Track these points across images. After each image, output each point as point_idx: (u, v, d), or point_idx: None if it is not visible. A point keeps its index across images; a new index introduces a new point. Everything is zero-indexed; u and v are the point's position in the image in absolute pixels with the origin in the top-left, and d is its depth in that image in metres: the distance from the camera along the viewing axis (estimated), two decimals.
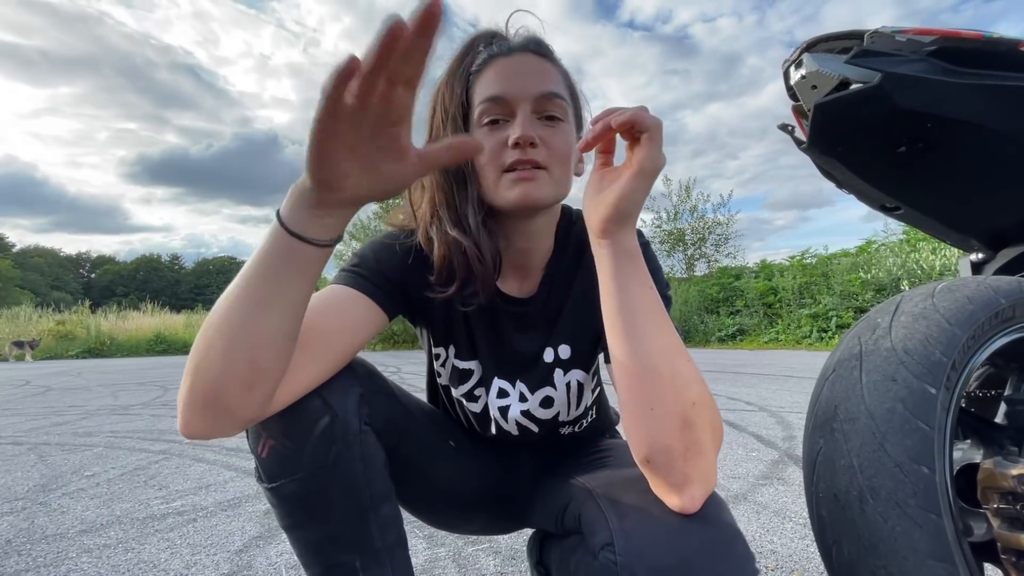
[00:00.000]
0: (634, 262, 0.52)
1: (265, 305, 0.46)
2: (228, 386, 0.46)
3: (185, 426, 0.47)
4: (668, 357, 0.49)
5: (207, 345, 0.45)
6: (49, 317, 15.81)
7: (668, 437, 0.47)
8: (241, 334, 0.45)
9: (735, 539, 0.47)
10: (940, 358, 0.63)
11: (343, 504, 0.56)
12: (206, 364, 0.45)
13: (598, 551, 0.50)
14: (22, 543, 1.43)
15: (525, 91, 0.61)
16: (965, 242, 1.04)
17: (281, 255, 0.45)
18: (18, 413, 3.89)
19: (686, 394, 0.48)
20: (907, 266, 8.90)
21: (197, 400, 0.46)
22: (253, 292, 0.46)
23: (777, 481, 1.83)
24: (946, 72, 0.78)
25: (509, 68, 0.63)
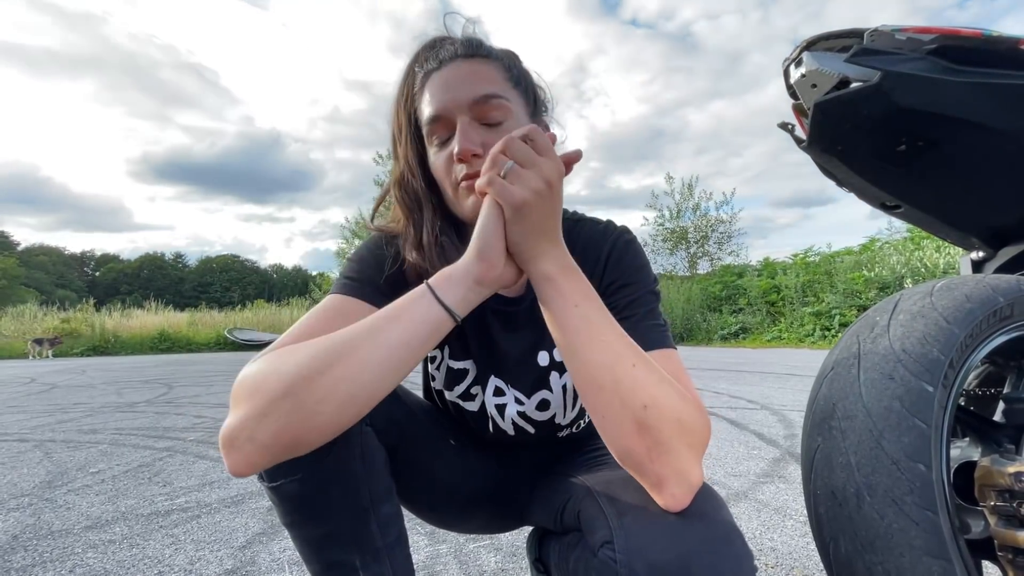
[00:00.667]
0: (553, 285, 0.53)
1: (397, 373, 0.50)
2: (327, 435, 0.48)
3: (249, 467, 0.47)
4: (606, 368, 0.50)
5: (324, 396, 0.46)
6: (54, 315, 15.89)
7: (626, 441, 0.48)
8: (367, 394, 0.48)
9: (733, 536, 0.47)
10: (938, 356, 0.64)
11: (343, 503, 0.56)
12: (314, 412, 0.46)
13: (597, 548, 0.50)
14: (28, 539, 1.45)
15: (458, 103, 0.60)
16: (965, 240, 1.04)
17: (434, 329, 0.51)
18: (24, 410, 3.92)
19: (633, 400, 0.48)
20: (911, 264, 8.87)
21: (281, 443, 0.46)
22: (392, 361, 0.49)
23: (778, 479, 1.83)
24: (946, 71, 0.78)
25: (441, 82, 0.62)
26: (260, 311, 19.27)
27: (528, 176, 0.51)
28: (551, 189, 0.52)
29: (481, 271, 0.53)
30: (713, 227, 15.74)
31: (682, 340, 11.55)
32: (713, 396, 3.71)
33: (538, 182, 0.51)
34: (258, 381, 0.47)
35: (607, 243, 0.70)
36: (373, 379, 0.48)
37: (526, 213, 0.52)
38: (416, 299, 0.52)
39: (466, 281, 0.52)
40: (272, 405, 0.46)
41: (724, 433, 2.55)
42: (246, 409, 0.46)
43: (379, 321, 0.50)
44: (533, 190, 0.51)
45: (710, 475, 1.90)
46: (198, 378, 6.17)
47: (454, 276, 0.53)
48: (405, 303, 0.52)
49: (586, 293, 0.54)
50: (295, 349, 0.50)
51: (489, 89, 0.61)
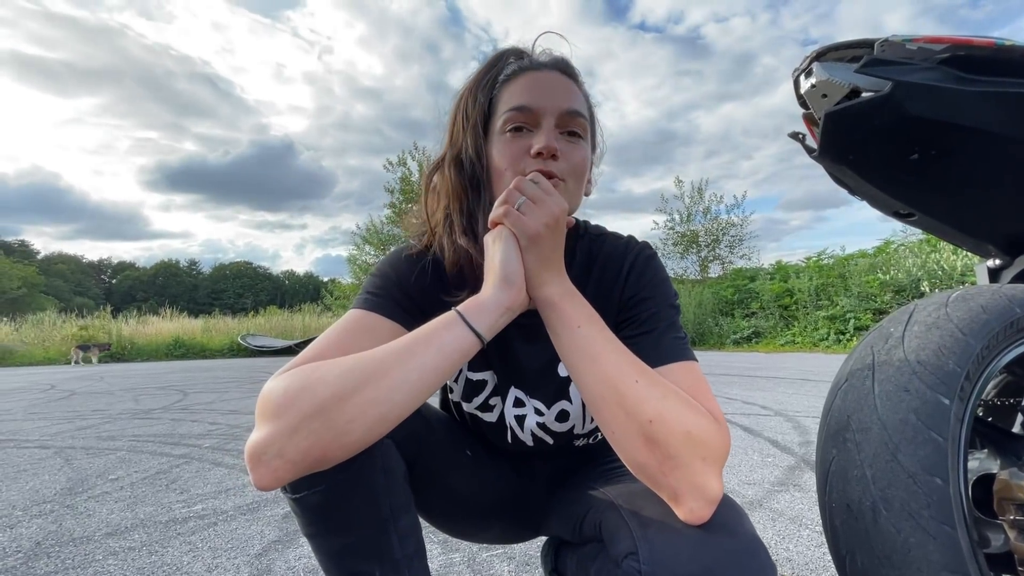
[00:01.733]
0: (555, 309, 0.58)
1: (426, 394, 0.53)
2: (354, 451, 0.50)
3: (276, 482, 0.49)
4: (609, 384, 0.52)
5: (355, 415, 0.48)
6: (72, 322, 16.18)
7: (637, 455, 0.50)
8: (396, 415, 0.51)
9: (757, 549, 0.48)
10: (954, 368, 0.63)
11: (364, 515, 0.57)
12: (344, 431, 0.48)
13: (621, 559, 0.51)
14: (51, 545, 1.48)
15: (552, 105, 0.64)
16: (982, 248, 1.03)
17: (465, 354, 0.54)
18: (44, 417, 3.99)
19: (639, 414, 0.50)
20: (927, 267, 8.73)
21: (309, 459, 0.48)
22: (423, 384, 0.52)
23: (793, 487, 1.81)
24: (958, 80, 0.78)
25: (538, 81, 0.66)
26: (273, 317, 19.45)
27: (539, 211, 0.57)
28: (557, 224, 0.58)
29: (511, 298, 0.57)
30: (724, 230, 15.64)
31: (694, 345, 11.39)
32: (726, 402, 3.67)
33: (547, 217, 0.57)
34: (289, 397, 0.48)
35: (628, 258, 0.72)
36: (403, 401, 0.50)
37: (538, 243, 0.57)
38: (448, 325, 0.55)
39: (498, 309, 0.56)
40: (303, 422, 0.47)
41: (738, 440, 2.52)
42: (276, 425, 0.48)
43: (411, 345, 0.53)
44: (544, 223, 0.57)
45: (724, 483, 1.88)
46: (212, 384, 6.24)
47: (485, 304, 0.56)
48: (437, 329, 0.54)
49: (588, 316, 0.58)
50: (325, 367, 0.51)
51: (579, 107, 0.66)
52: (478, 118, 0.67)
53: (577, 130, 0.66)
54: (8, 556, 1.41)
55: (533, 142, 0.63)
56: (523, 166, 0.63)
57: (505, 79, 0.67)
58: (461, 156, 0.68)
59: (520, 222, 0.57)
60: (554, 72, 0.67)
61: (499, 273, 0.58)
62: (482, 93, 0.68)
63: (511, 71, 0.67)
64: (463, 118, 0.69)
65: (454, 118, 0.70)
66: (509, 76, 0.67)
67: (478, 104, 0.67)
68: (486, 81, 0.68)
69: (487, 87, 0.68)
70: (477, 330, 0.54)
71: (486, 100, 0.68)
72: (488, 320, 0.56)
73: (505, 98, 0.66)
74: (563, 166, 0.64)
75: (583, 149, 0.67)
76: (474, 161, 0.67)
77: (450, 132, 0.71)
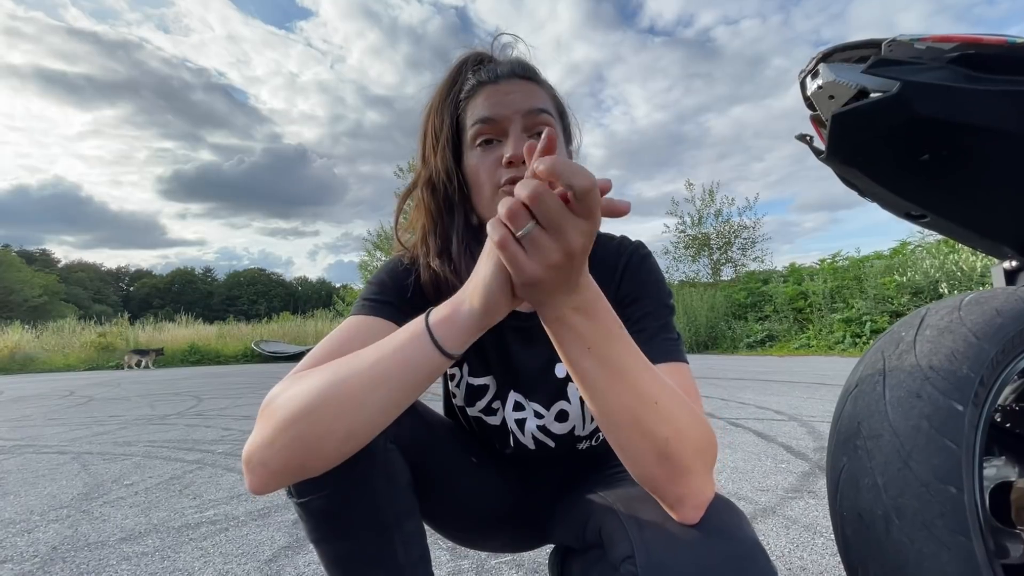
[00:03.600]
0: (565, 326, 0.47)
1: (396, 409, 0.50)
2: (333, 463, 0.50)
3: (265, 488, 0.50)
4: (627, 410, 0.47)
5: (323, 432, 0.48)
6: (91, 329, 16.49)
7: (648, 469, 0.48)
8: (365, 431, 0.49)
9: (756, 553, 0.47)
10: (967, 374, 0.62)
11: (368, 520, 0.58)
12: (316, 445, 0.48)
13: (619, 563, 0.50)
14: (67, 550, 1.50)
15: (515, 110, 0.64)
16: (997, 249, 1.01)
17: (433, 372, 0.49)
18: (63, 423, 4.07)
19: (655, 434, 0.47)
20: (946, 268, 8.55)
21: (289, 470, 0.49)
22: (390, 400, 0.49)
23: (807, 494, 1.78)
24: (968, 79, 0.76)
25: (498, 92, 0.66)
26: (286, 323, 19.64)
27: (548, 247, 0.41)
28: (572, 261, 0.42)
29: (486, 322, 0.49)
30: (736, 233, 15.47)
31: (707, 348, 11.35)
32: (739, 407, 3.63)
33: (558, 255, 0.41)
34: (273, 408, 0.50)
35: (623, 257, 0.72)
36: (370, 418, 0.49)
37: (539, 285, 0.44)
38: (414, 340, 0.48)
39: (470, 329, 0.48)
40: (278, 434, 0.48)
41: (751, 446, 2.49)
42: (259, 434, 0.49)
43: (377, 363, 0.49)
44: (549, 265, 0.42)
45: (736, 489, 1.85)
46: (226, 390, 6.31)
47: (457, 321, 0.48)
48: (402, 343, 0.49)
49: (606, 331, 0.47)
50: (303, 379, 0.51)
51: (542, 104, 0.66)
52: (447, 137, 0.68)
53: (545, 127, 0.65)
54: (25, 561, 1.43)
55: (503, 151, 0.63)
56: (498, 177, 0.64)
57: (467, 96, 0.68)
58: (433, 178, 0.69)
59: (516, 264, 0.42)
60: (512, 79, 0.67)
61: (478, 295, 0.47)
62: (447, 112, 0.68)
63: (470, 87, 0.68)
64: (432, 139, 0.69)
65: (423, 138, 0.71)
66: (470, 92, 0.68)
67: (444, 123, 0.68)
68: (449, 99, 0.69)
69: (451, 105, 0.68)
70: (444, 348, 0.48)
71: (452, 118, 0.68)
72: (459, 338, 0.48)
73: (470, 112, 0.67)
74: None
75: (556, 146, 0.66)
76: (446, 183, 0.68)
77: (421, 152, 0.71)
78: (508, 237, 0.42)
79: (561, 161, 0.39)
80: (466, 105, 0.68)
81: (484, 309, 0.47)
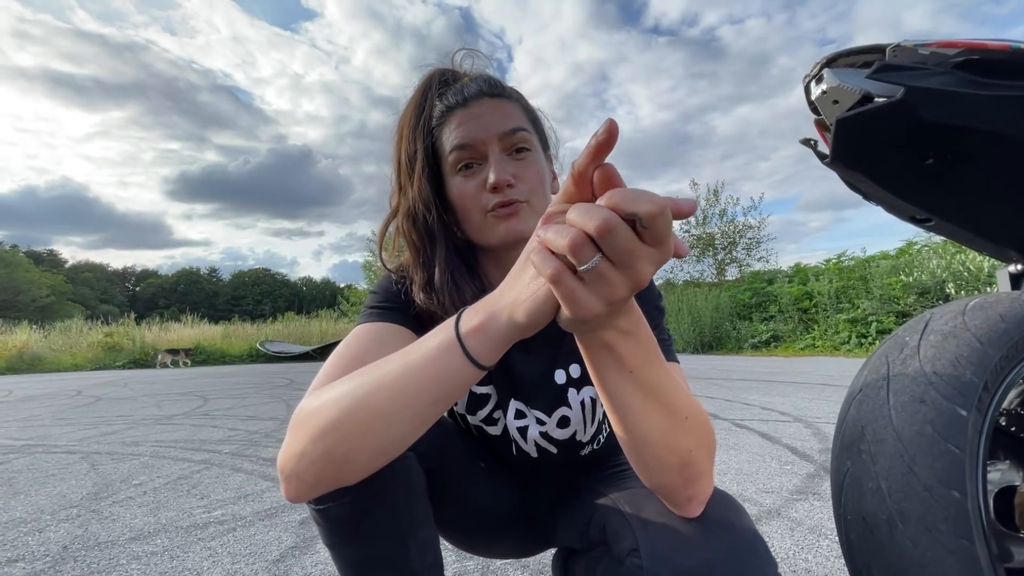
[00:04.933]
0: (611, 353, 0.43)
1: (426, 424, 0.48)
2: (364, 475, 0.50)
3: (301, 499, 0.51)
4: (659, 429, 0.46)
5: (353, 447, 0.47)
6: (98, 329, 16.61)
7: (668, 479, 0.49)
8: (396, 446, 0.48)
9: (756, 543, 0.49)
10: (971, 379, 0.62)
11: (386, 527, 0.58)
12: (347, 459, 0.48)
13: (624, 557, 0.52)
14: (78, 549, 1.52)
15: (490, 133, 0.64)
16: (1002, 253, 1.01)
17: (465, 384, 0.46)
18: (72, 423, 4.10)
19: (680, 447, 0.47)
20: (952, 268, 8.50)
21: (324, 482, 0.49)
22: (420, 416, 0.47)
23: (812, 496, 1.78)
24: (973, 84, 0.77)
25: (470, 115, 0.65)
26: (290, 323, 19.74)
27: (616, 282, 0.36)
28: (630, 295, 0.38)
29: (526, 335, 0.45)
30: (741, 233, 15.43)
31: (711, 349, 11.32)
32: (744, 408, 3.62)
33: (624, 290, 0.37)
34: (302, 420, 0.49)
35: None
36: (401, 434, 0.47)
37: (591, 321, 0.40)
38: (444, 351, 0.45)
39: (506, 340, 0.44)
40: (308, 447, 0.48)
41: (755, 447, 2.49)
42: (292, 445, 0.49)
43: (405, 374, 0.46)
44: (612, 301, 0.37)
45: (741, 491, 1.85)
46: (231, 391, 6.35)
47: (492, 332, 0.44)
48: (431, 356, 0.45)
49: (646, 353, 0.44)
50: (331, 391, 0.50)
51: (516, 123, 0.66)
52: (423, 165, 0.66)
53: (523, 145, 0.66)
54: (37, 560, 1.45)
55: (486, 176, 0.63)
56: (484, 202, 0.64)
57: (438, 123, 0.67)
58: (412, 208, 0.67)
59: (574, 302, 0.37)
60: (480, 100, 0.65)
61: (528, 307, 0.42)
62: (419, 138, 0.67)
63: (440, 113, 0.67)
64: (407, 167, 0.67)
65: (397, 167, 0.69)
66: (440, 119, 0.67)
67: (418, 151, 0.66)
68: (420, 125, 0.67)
69: (422, 131, 0.67)
70: (478, 360, 0.44)
71: (426, 144, 0.67)
72: (494, 349, 0.45)
73: (445, 139, 0.66)
74: (522, 188, 0.64)
75: (535, 162, 0.67)
76: (425, 213, 0.67)
77: (397, 181, 0.70)
78: (564, 271, 0.36)
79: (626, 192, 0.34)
80: (439, 132, 0.67)
81: (529, 323, 0.42)
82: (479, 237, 0.67)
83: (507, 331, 0.44)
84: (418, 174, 0.66)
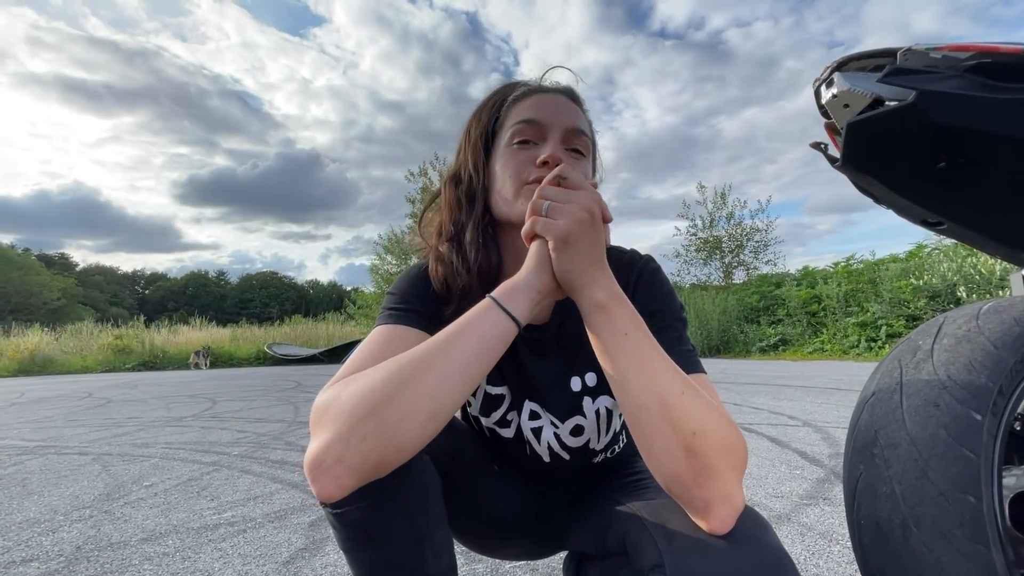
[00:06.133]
0: (604, 312, 0.55)
1: (475, 381, 0.53)
2: (409, 452, 0.50)
3: (340, 490, 0.49)
4: (655, 395, 0.50)
5: (407, 412, 0.48)
6: (108, 332, 16.77)
7: (674, 466, 0.49)
8: (446, 407, 0.50)
9: (784, 561, 0.47)
10: (986, 383, 0.62)
11: (401, 531, 0.58)
12: (398, 429, 0.48)
13: (647, 572, 0.51)
14: (91, 550, 1.54)
15: (559, 121, 0.68)
16: (1016, 256, 1.00)
17: (506, 338, 0.55)
18: (83, 424, 4.15)
19: (684, 426, 0.49)
20: (963, 271, 8.40)
21: (368, 463, 0.48)
22: (471, 373, 0.52)
23: (823, 501, 1.77)
24: (985, 88, 0.76)
25: (546, 100, 0.69)
26: (297, 326, 19.81)
27: (567, 209, 0.55)
28: (592, 217, 0.55)
29: (543, 282, 0.57)
30: (748, 236, 15.35)
31: (719, 352, 11.25)
32: (752, 412, 3.60)
33: (579, 211, 0.55)
34: (339, 405, 0.49)
35: (634, 272, 0.73)
36: (452, 391, 0.50)
37: (571, 242, 0.55)
38: (483, 312, 0.55)
39: (529, 291, 0.56)
40: (357, 426, 0.47)
41: (764, 452, 2.47)
42: (331, 433, 0.48)
43: (450, 337, 0.53)
44: (574, 219, 0.55)
45: (750, 496, 1.84)
46: (240, 393, 6.39)
47: (517, 287, 0.57)
48: (472, 317, 0.55)
49: (635, 321, 0.55)
50: (368, 373, 0.51)
51: (584, 127, 0.70)
52: (480, 136, 0.71)
53: (581, 148, 0.69)
54: (51, 559, 1.47)
55: (540, 152, 0.66)
56: (527, 174, 0.66)
57: (513, 100, 0.71)
58: (460, 172, 0.73)
59: (548, 226, 0.56)
60: (561, 95, 0.71)
61: (531, 262, 0.58)
62: (487, 114, 0.72)
63: (519, 93, 0.71)
64: (466, 138, 0.73)
65: (465, 133, 0.75)
66: (517, 97, 0.71)
67: (482, 123, 0.72)
68: (494, 104, 0.72)
69: (494, 108, 0.72)
70: (512, 313, 0.54)
71: (491, 120, 0.71)
72: (522, 303, 0.55)
73: (513, 114, 0.70)
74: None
75: (584, 167, 0.70)
76: (472, 175, 0.71)
77: (457, 153, 0.76)
78: (536, 218, 0.57)
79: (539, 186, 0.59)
80: (510, 108, 0.70)
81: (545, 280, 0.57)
82: (507, 208, 0.68)
83: (527, 285, 0.57)
84: (475, 141, 0.72)
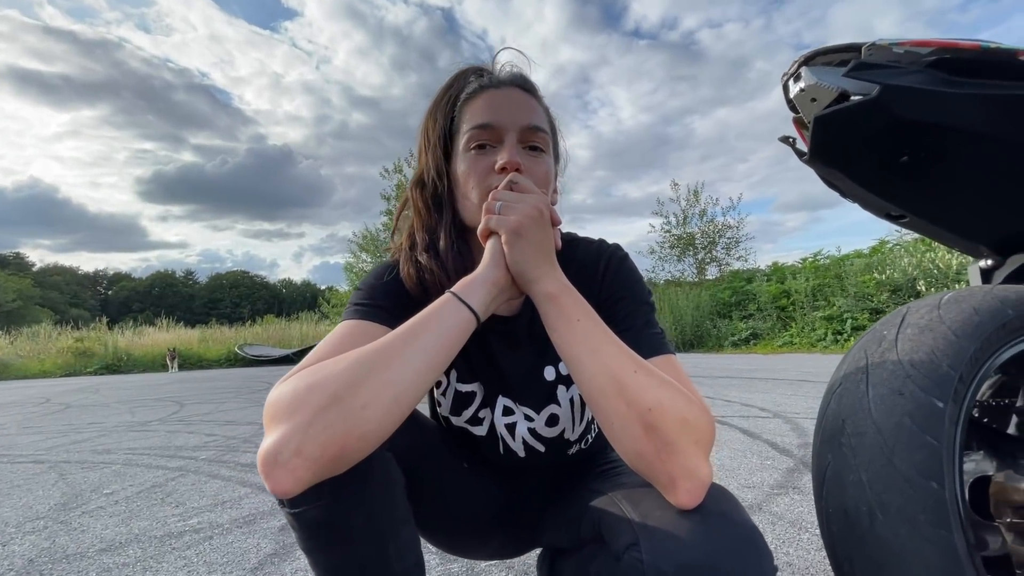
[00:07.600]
0: (555, 302, 0.59)
1: (436, 371, 0.54)
2: (372, 443, 0.49)
3: (296, 484, 0.47)
4: (609, 375, 0.53)
5: (368, 400, 0.48)
6: (68, 334, 16.09)
7: (636, 444, 0.50)
8: (408, 397, 0.51)
9: (755, 536, 0.49)
10: (947, 371, 0.63)
11: (364, 529, 0.56)
12: (361, 418, 0.47)
13: (622, 552, 0.51)
14: (44, 563, 1.46)
15: (513, 121, 0.66)
16: (974, 249, 1.03)
17: (464, 330, 0.56)
18: (39, 431, 3.96)
19: (639, 403, 0.51)
20: (923, 266, 8.76)
21: (328, 454, 0.47)
22: (432, 362, 0.53)
23: (792, 490, 1.81)
24: (945, 83, 0.78)
25: (498, 99, 0.67)
26: (270, 326, 19.39)
27: (518, 207, 0.59)
28: (541, 215, 0.60)
29: (497, 276, 0.60)
30: (720, 232, 15.66)
31: (692, 347, 11.46)
32: (724, 404, 3.67)
33: (528, 209, 0.59)
34: (299, 396, 0.48)
35: (603, 260, 0.74)
36: (415, 379, 0.51)
37: (522, 235, 0.59)
38: (443, 305, 0.57)
39: (486, 284, 0.59)
40: (317, 416, 0.46)
41: (736, 443, 2.52)
42: (289, 424, 0.46)
43: (412, 327, 0.54)
44: (524, 215, 0.59)
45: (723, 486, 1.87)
46: (209, 395, 6.21)
47: (474, 280, 0.59)
48: (433, 310, 0.56)
49: (585, 310, 0.59)
50: (329, 364, 0.51)
51: (539, 122, 0.68)
52: (438, 139, 0.70)
53: (539, 144, 0.68)
54: (1, 574, 1.39)
55: (497, 158, 0.65)
56: (490, 182, 0.65)
57: (466, 98, 0.69)
58: (423, 176, 0.71)
59: (501, 220, 0.59)
60: (513, 89, 0.69)
61: (487, 259, 0.61)
62: (442, 114, 0.70)
63: (471, 90, 0.69)
64: (425, 140, 0.71)
65: (418, 139, 0.73)
66: (470, 95, 0.69)
67: (438, 125, 0.70)
68: (446, 101, 0.70)
69: (447, 107, 0.70)
70: (470, 304, 0.57)
71: (446, 120, 0.70)
72: (479, 295, 0.58)
73: (467, 117, 0.68)
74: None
75: (545, 162, 0.69)
76: (435, 180, 0.70)
77: (418, 154, 0.74)
78: (491, 216, 0.60)
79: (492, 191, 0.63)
80: (464, 107, 0.69)
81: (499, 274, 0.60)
82: (475, 217, 0.67)
83: (483, 276, 0.60)
84: (433, 144, 0.70)
